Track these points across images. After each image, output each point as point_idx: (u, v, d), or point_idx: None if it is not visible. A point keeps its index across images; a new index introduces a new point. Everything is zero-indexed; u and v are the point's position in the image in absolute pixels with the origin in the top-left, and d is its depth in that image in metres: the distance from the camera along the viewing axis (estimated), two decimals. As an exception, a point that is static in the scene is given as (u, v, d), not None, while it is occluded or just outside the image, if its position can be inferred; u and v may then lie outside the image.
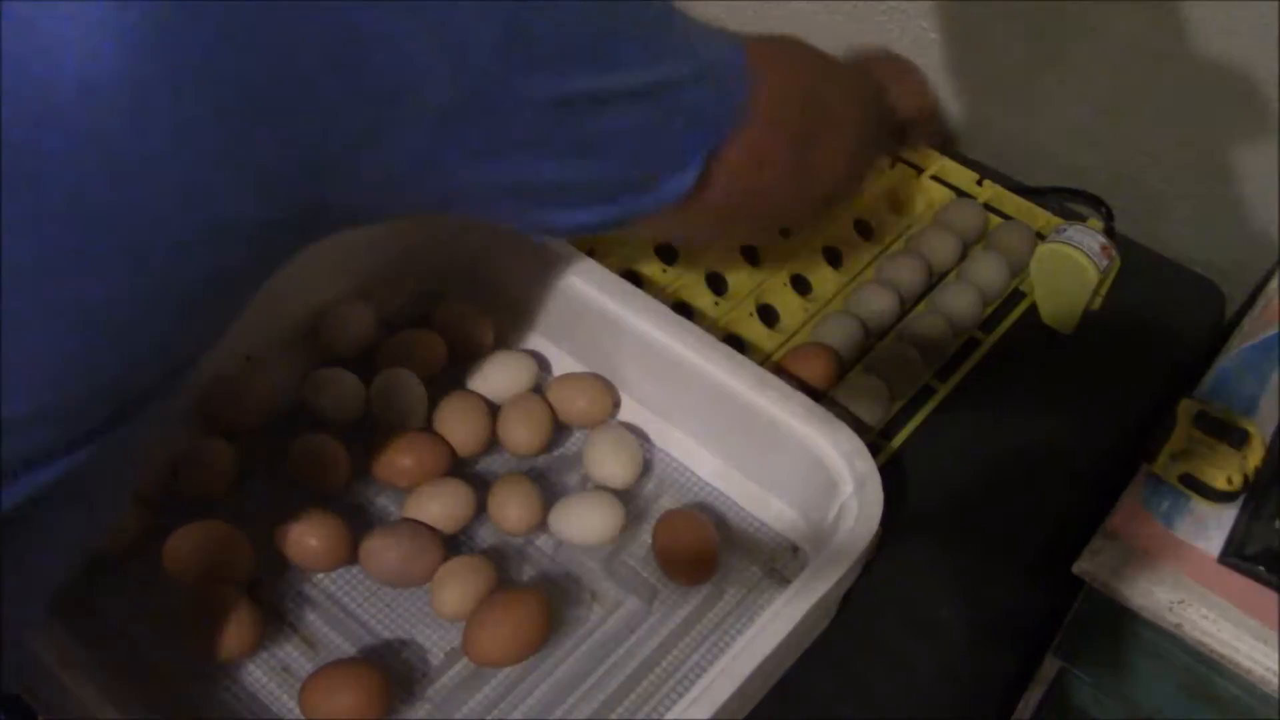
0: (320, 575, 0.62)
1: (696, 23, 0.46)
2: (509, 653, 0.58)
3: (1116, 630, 0.61)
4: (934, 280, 0.78)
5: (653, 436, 0.69)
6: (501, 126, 0.39)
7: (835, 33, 0.93)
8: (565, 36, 0.39)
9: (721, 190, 0.48)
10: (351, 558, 0.62)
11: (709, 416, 0.65)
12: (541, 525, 0.64)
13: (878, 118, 0.62)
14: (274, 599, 0.61)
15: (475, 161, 0.40)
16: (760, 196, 0.52)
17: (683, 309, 0.73)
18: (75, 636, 0.54)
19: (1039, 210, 0.81)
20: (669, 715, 0.49)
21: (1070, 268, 0.72)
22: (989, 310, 0.77)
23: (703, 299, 0.74)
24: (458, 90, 0.37)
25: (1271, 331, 0.72)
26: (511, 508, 0.63)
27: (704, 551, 0.62)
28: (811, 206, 0.59)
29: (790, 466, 0.61)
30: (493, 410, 0.68)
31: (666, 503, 0.66)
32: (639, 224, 0.48)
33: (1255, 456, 0.63)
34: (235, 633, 0.58)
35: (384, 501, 0.66)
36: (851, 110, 0.57)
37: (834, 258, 0.79)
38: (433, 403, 0.68)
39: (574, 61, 0.40)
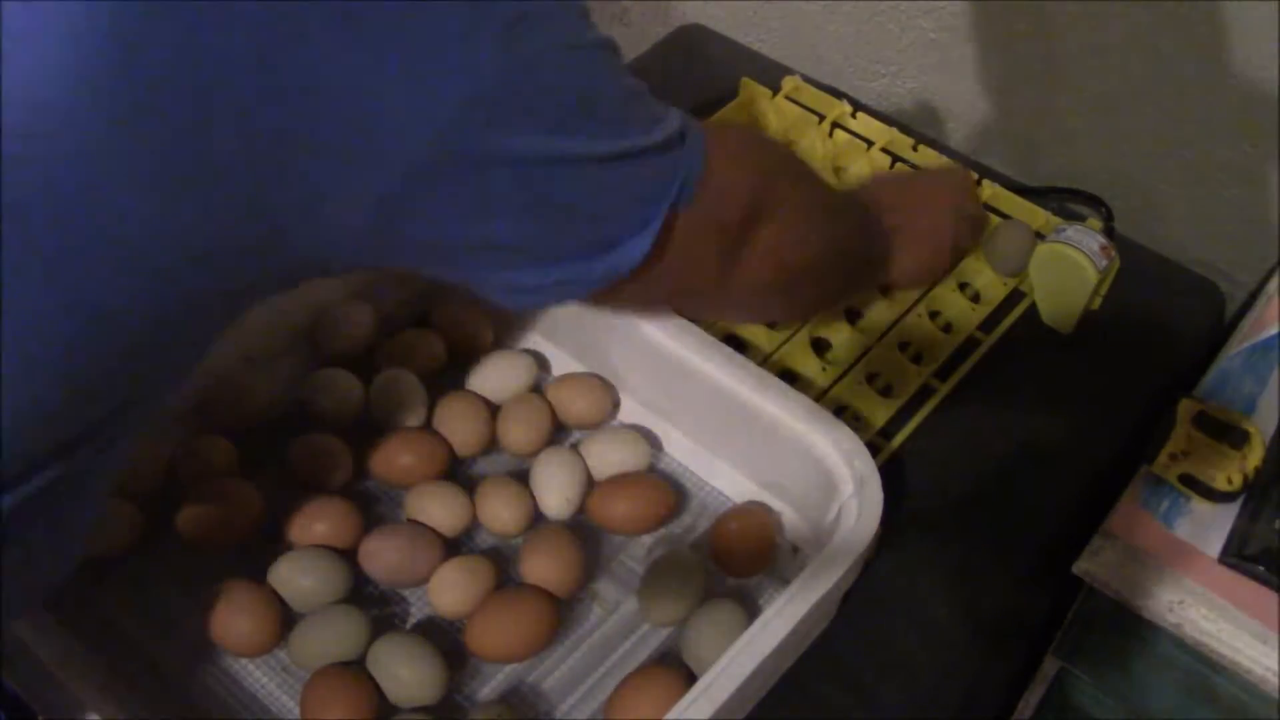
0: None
1: (656, 101, 0.45)
2: (514, 649, 0.58)
3: (1116, 630, 0.61)
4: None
5: (652, 437, 0.69)
6: (466, 185, 0.39)
7: (835, 33, 0.93)
8: (547, 100, 0.39)
9: (663, 266, 0.46)
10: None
11: (709, 416, 0.65)
12: (535, 524, 0.64)
13: (859, 239, 0.61)
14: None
15: (436, 220, 0.39)
16: (690, 275, 0.49)
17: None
18: (75, 636, 0.54)
19: (1039, 210, 0.81)
20: (669, 715, 0.49)
21: (1070, 268, 0.72)
22: (988, 310, 0.77)
23: (703, 299, 0.74)
24: (422, 148, 0.36)
25: (1271, 331, 0.71)
26: (501, 509, 0.63)
27: (765, 544, 0.62)
28: (748, 293, 0.54)
29: (790, 466, 0.61)
30: (492, 410, 0.68)
31: (666, 503, 0.66)
32: (592, 295, 0.46)
33: (1255, 456, 0.63)
34: (256, 630, 0.58)
35: (384, 501, 0.66)
36: (807, 214, 0.54)
37: (834, 258, 0.79)
38: (432, 403, 0.68)
39: (552, 124, 0.39)
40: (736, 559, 0.62)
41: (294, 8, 0.32)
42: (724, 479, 0.67)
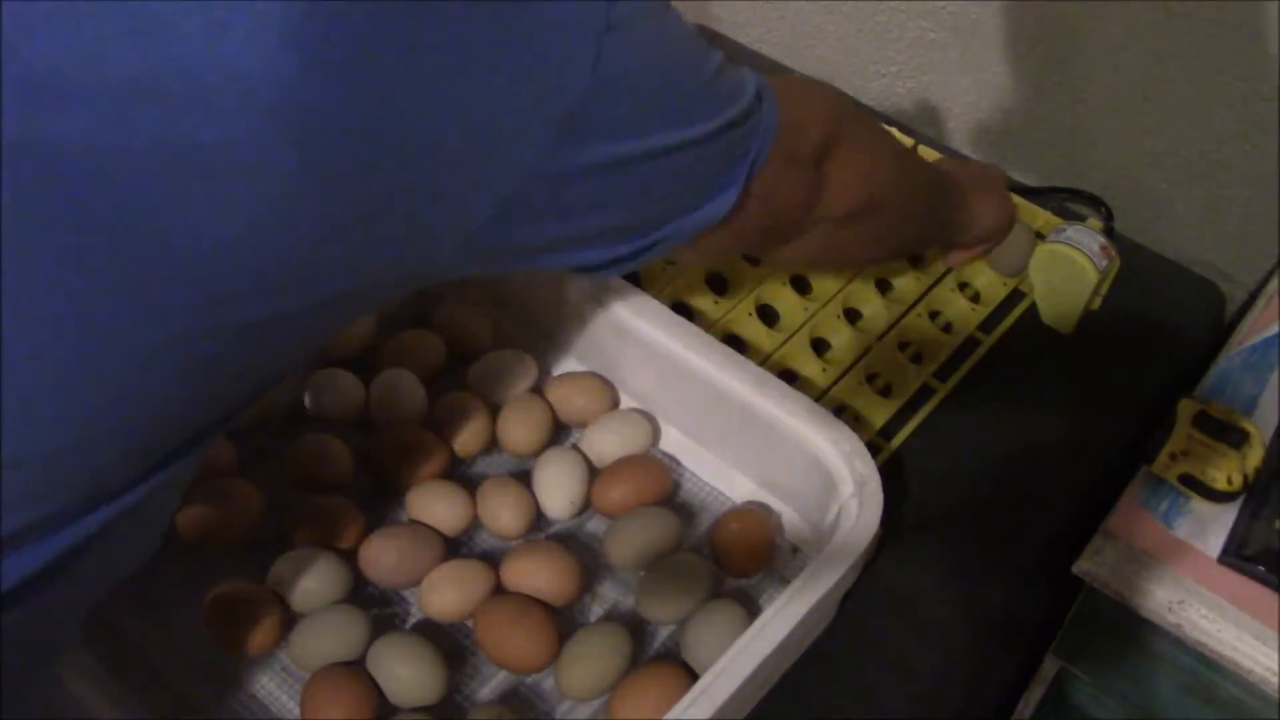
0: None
1: (735, 64, 0.48)
2: (522, 662, 0.58)
3: (1116, 630, 0.61)
4: (931, 282, 0.78)
5: (652, 437, 0.69)
6: (564, 193, 0.40)
7: (835, 33, 0.93)
8: (640, 105, 0.41)
9: (749, 210, 0.50)
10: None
11: (708, 416, 0.65)
12: (536, 526, 0.64)
13: (930, 175, 0.66)
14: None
15: (533, 224, 0.41)
16: (778, 212, 0.53)
17: (683, 309, 0.73)
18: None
19: (1039, 210, 0.81)
20: (669, 715, 0.49)
21: (1070, 268, 0.72)
22: (988, 310, 0.77)
23: (703, 299, 0.74)
24: (522, 172, 0.38)
25: (1271, 331, 0.72)
26: (504, 511, 0.63)
27: (765, 544, 0.62)
28: (831, 223, 0.57)
29: (790, 466, 0.61)
30: (492, 410, 0.68)
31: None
32: (671, 251, 0.50)
33: (1255, 456, 0.63)
34: (257, 630, 0.58)
35: (384, 501, 0.66)
36: (875, 153, 0.58)
37: (834, 258, 0.79)
38: (432, 403, 0.68)
39: (648, 124, 0.41)
40: (736, 559, 0.62)
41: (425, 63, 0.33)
42: (724, 479, 0.67)
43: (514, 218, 0.39)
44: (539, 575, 0.60)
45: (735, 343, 0.71)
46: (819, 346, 0.74)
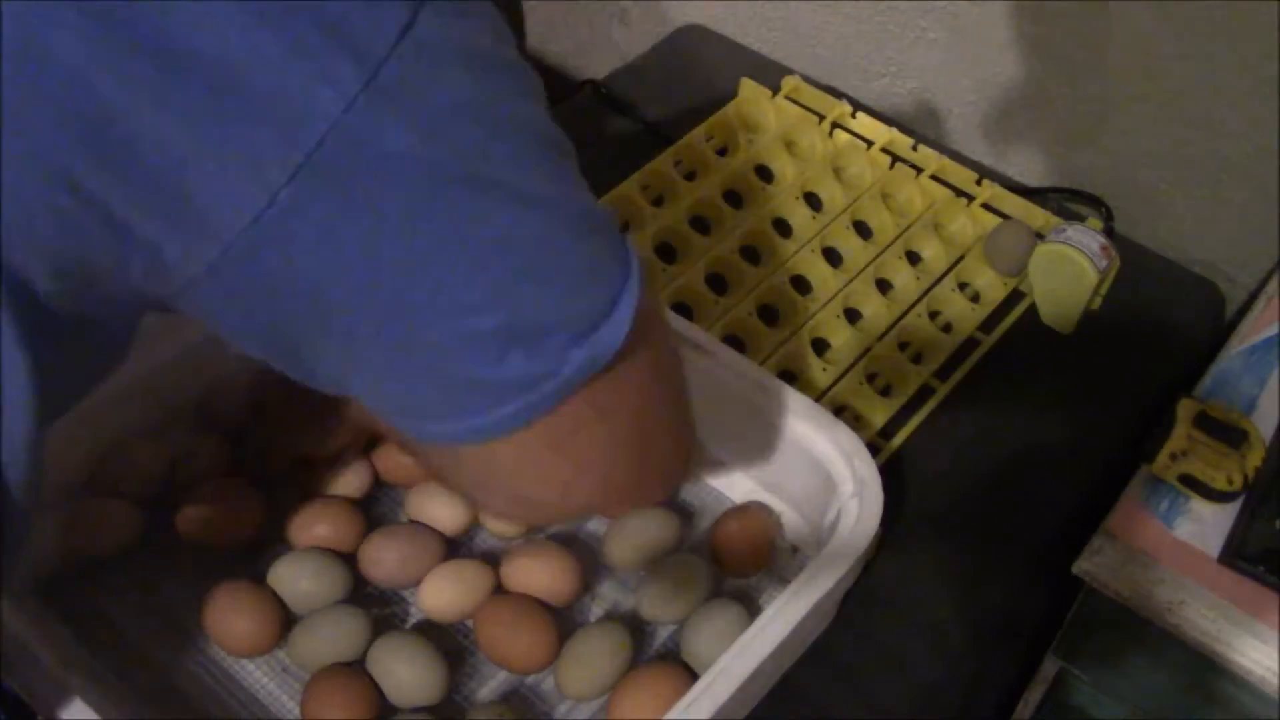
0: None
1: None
2: (522, 662, 0.58)
3: (1116, 630, 0.61)
4: (931, 282, 0.78)
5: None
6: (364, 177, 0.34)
7: (835, 33, 0.93)
8: (458, 111, 0.34)
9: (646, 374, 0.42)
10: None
11: (708, 416, 0.65)
12: (536, 526, 0.64)
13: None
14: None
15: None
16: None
17: (683, 309, 0.73)
18: (75, 636, 0.54)
19: (1039, 210, 0.81)
20: (669, 715, 0.49)
21: (1070, 268, 0.72)
22: (988, 310, 0.77)
23: (703, 299, 0.74)
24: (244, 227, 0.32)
25: (1271, 331, 0.72)
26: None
27: (765, 544, 0.62)
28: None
29: (790, 466, 0.61)
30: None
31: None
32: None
33: (1255, 456, 0.63)
34: (256, 630, 0.58)
35: (384, 501, 0.66)
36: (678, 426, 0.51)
37: (833, 257, 0.79)
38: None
39: (461, 137, 0.34)
40: (736, 559, 0.62)
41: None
42: (724, 479, 0.67)
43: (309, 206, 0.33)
44: (539, 575, 0.60)
45: (735, 343, 0.71)
46: (819, 346, 0.74)
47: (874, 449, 0.66)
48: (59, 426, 0.39)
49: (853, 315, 0.76)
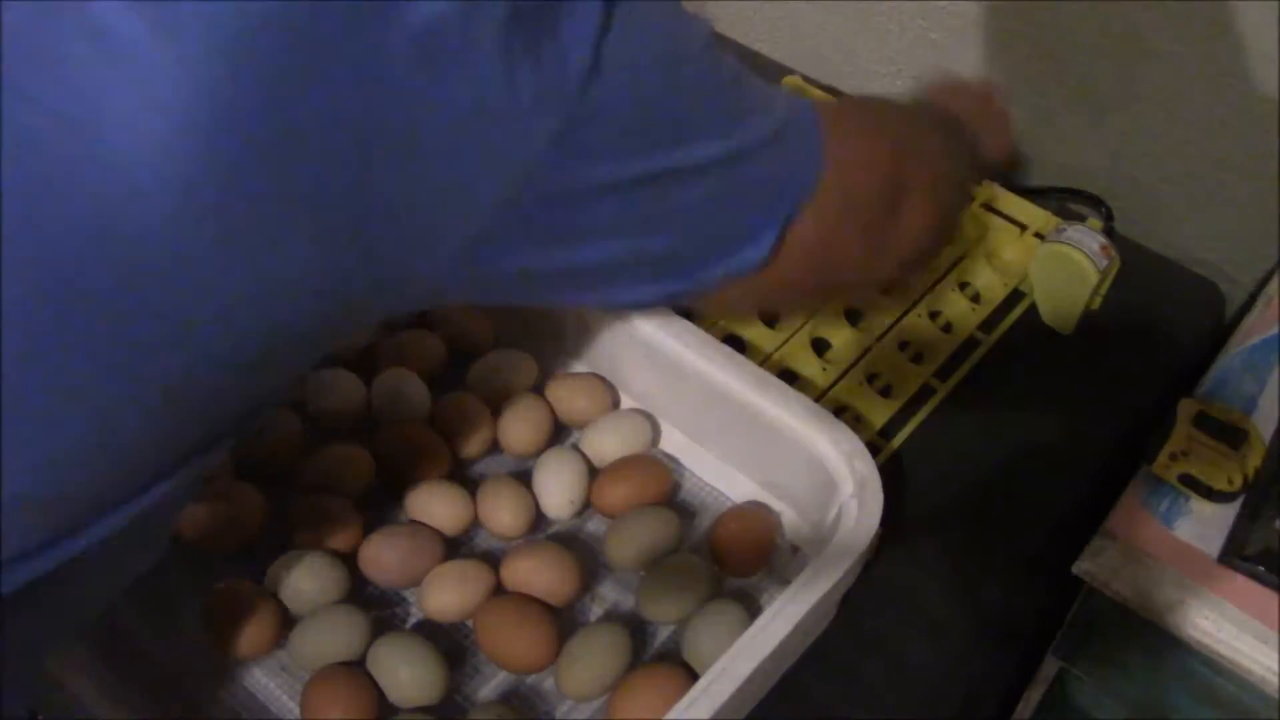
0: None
1: (762, 83, 0.43)
2: (523, 662, 0.58)
3: (1116, 630, 0.61)
4: (931, 282, 0.78)
5: (652, 437, 0.69)
6: (565, 214, 0.37)
7: (835, 33, 0.93)
8: (644, 116, 0.37)
9: (794, 263, 0.45)
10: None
11: (708, 416, 0.65)
12: (537, 526, 0.64)
13: (966, 165, 0.57)
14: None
15: (535, 249, 0.38)
16: (832, 269, 0.48)
17: (683, 309, 0.73)
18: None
19: (1039, 210, 0.81)
20: (669, 715, 0.49)
21: (1070, 268, 0.72)
22: (988, 310, 0.77)
23: (703, 299, 0.74)
24: (513, 185, 0.35)
25: (1271, 331, 0.71)
26: (504, 512, 0.63)
27: (765, 544, 0.62)
28: (895, 270, 0.52)
29: (790, 466, 0.61)
30: (493, 410, 0.68)
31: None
32: (703, 298, 0.45)
33: (1255, 456, 0.63)
34: (255, 630, 0.58)
35: (384, 501, 0.66)
36: (938, 167, 0.52)
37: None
38: (432, 402, 0.68)
39: (651, 141, 0.37)
40: (736, 559, 0.62)
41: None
42: (724, 479, 0.67)
43: (508, 239, 0.37)
44: (539, 575, 0.60)
45: (735, 343, 0.71)
46: (819, 346, 0.74)
47: (874, 449, 0.66)
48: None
49: (853, 315, 0.76)
